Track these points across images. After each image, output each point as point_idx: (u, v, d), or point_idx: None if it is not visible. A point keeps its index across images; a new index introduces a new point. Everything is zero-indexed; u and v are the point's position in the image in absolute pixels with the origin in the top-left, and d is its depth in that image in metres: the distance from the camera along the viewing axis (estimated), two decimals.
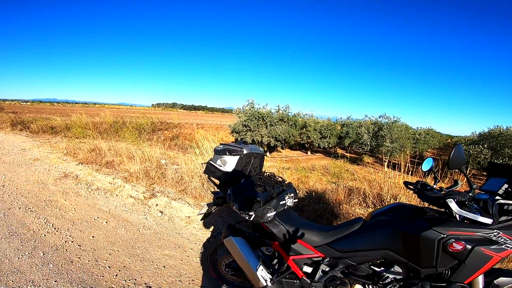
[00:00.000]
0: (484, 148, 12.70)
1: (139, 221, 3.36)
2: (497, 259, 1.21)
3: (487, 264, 1.22)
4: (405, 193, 3.42)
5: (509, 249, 1.21)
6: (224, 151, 1.95)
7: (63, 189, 4.26)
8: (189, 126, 19.32)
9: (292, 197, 1.85)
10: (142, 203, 3.85)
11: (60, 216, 3.34)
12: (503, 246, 1.20)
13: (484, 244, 1.22)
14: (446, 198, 1.33)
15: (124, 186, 4.36)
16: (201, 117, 36.98)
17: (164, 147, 8.22)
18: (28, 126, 11.02)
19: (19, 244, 2.65)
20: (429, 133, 23.97)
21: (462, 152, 1.39)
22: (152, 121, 14.86)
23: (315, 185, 4.92)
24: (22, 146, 7.48)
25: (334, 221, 3.22)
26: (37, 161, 5.89)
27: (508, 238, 1.21)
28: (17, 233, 2.85)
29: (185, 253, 2.74)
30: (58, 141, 8.34)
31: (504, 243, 1.21)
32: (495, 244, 1.21)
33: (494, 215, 1.23)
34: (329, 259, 1.60)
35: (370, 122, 18.29)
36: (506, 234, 1.21)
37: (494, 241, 1.22)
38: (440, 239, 1.26)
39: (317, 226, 1.76)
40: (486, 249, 1.21)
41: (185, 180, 4.35)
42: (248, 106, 15.55)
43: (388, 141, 15.93)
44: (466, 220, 1.31)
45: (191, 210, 3.56)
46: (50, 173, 5.05)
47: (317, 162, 13.45)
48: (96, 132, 9.35)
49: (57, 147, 7.08)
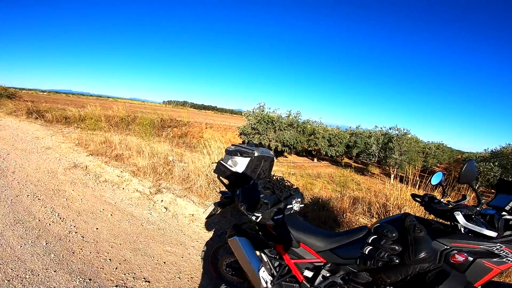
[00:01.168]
0: (494, 166, 12.46)
1: (143, 216, 3.41)
2: (496, 271, 1.22)
3: (486, 276, 1.23)
4: (410, 205, 3.38)
5: (509, 262, 1.22)
6: (235, 152, 1.97)
7: (72, 179, 4.34)
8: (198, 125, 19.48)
9: (299, 202, 1.86)
10: (148, 198, 3.90)
11: (66, 206, 3.40)
12: (504, 259, 1.22)
13: (485, 257, 1.23)
14: (454, 211, 1.35)
15: (131, 180, 4.43)
16: (210, 117, 37.23)
17: (172, 144, 8.31)
18: (43, 115, 11.24)
19: (23, 232, 2.68)
20: (440, 148, 23.59)
21: (475, 167, 1.41)
22: (162, 117, 15.02)
23: (320, 193, 4.91)
24: (36, 134, 7.65)
25: (337, 228, 3.20)
26: (49, 150, 6.02)
27: (510, 252, 1.22)
28: (23, 221, 2.88)
29: (187, 250, 2.76)
30: (71, 131, 8.51)
31: (506, 256, 1.22)
32: (496, 257, 1.23)
33: (499, 229, 1.24)
34: (330, 265, 1.60)
35: (380, 133, 18.11)
36: (508, 247, 1.23)
37: (496, 254, 1.23)
38: (443, 250, 1.28)
39: (322, 231, 1.76)
40: (487, 262, 1.22)
41: (192, 178, 4.39)
42: (258, 109, 15.58)
43: (397, 153, 15.73)
44: (470, 233, 1.32)
45: (196, 208, 3.59)
46: (61, 163, 5.16)
47: (323, 170, 13.37)
48: (108, 125, 9.51)
49: (69, 137, 7.24)
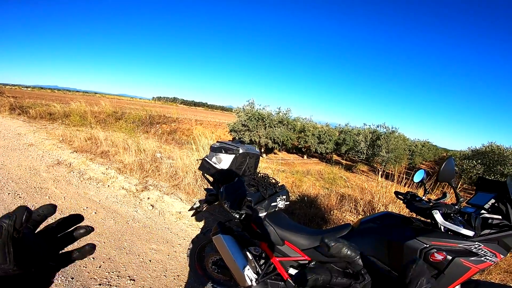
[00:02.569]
0: (477, 164, 12.79)
1: (129, 213, 3.35)
2: (475, 270, 1.24)
3: (465, 275, 1.25)
4: (396, 202, 3.44)
5: (488, 261, 1.23)
6: (220, 149, 1.95)
7: (55, 177, 4.23)
8: (187, 121, 19.25)
9: (284, 200, 1.85)
10: (134, 196, 3.83)
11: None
12: (482, 258, 1.23)
13: (464, 256, 1.25)
14: (432, 210, 1.37)
15: (117, 177, 4.34)
16: (200, 114, 36.89)
17: (161, 140, 8.20)
18: (27, 111, 10.90)
19: None
20: (425, 146, 24.09)
21: (453, 166, 1.41)
22: (150, 113, 14.77)
23: (308, 190, 4.93)
24: (18, 130, 7.41)
25: (323, 226, 3.23)
26: (32, 147, 5.85)
27: (488, 250, 1.24)
28: None
29: (173, 248, 2.73)
30: (55, 127, 8.28)
31: (484, 255, 1.23)
32: (474, 256, 1.24)
33: (476, 228, 1.26)
34: (315, 263, 1.61)
35: (368, 131, 18.34)
36: (486, 246, 1.24)
37: (474, 253, 1.25)
38: (422, 249, 1.29)
39: (306, 229, 1.77)
40: (465, 260, 1.24)
41: (179, 175, 4.34)
42: (248, 106, 15.52)
43: (384, 151, 15.98)
44: (450, 231, 1.34)
45: (183, 206, 3.55)
46: (43, 160, 5.01)
47: (312, 167, 13.47)
48: (95, 121, 9.29)
49: (53, 134, 7.04)
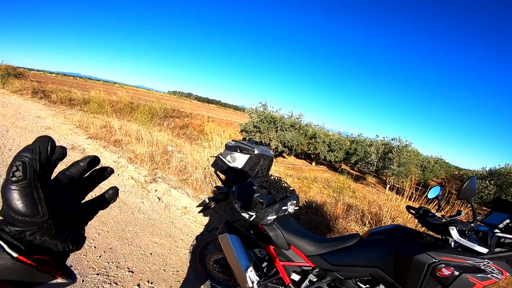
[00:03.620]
0: (490, 184, 12.51)
1: (135, 204, 3.39)
2: (479, 287, 1.23)
3: None
4: (403, 217, 3.38)
5: (493, 278, 1.23)
6: (235, 147, 1.96)
7: (68, 161, 4.29)
8: (200, 117, 19.42)
9: (294, 204, 1.84)
10: (142, 187, 3.89)
11: None
12: (488, 275, 1.23)
13: (471, 272, 1.24)
14: (449, 226, 1.37)
15: (127, 166, 4.42)
16: (213, 111, 37.14)
17: (172, 134, 8.29)
18: (48, 96, 11.23)
19: None
20: (438, 163, 23.54)
21: (475, 185, 1.43)
22: (165, 107, 14.98)
23: (315, 197, 4.89)
24: (38, 113, 7.64)
25: (328, 234, 3.19)
26: (49, 130, 6.02)
27: (496, 268, 1.23)
28: None
29: (175, 243, 2.75)
30: (73, 113, 8.49)
31: (491, 273, 1.23)
32: (482, 272, 1.23)
33: (491, 246, 1.25)
34: (318, 270, 1.60)
35: (381, 143, 18.06)
36: (495, 264, 1.24)
37: (481, 270, 1.24)
38: (431, 263, 1.29)
39: (313, 236, 1.76)
40: (471, 277, 1.23)
41: (188, 170, 4.38)
42: (261, 107, 15.54)
43: (395, 165, 15.71)
44: (460, 248, 1.34)
45: (189, 201, 3.58)
46: (59, 144, 5.12)
47: (320, 174, 13.35)
48: (111, 110, 9.49)
49: (71, 119, 7.22)
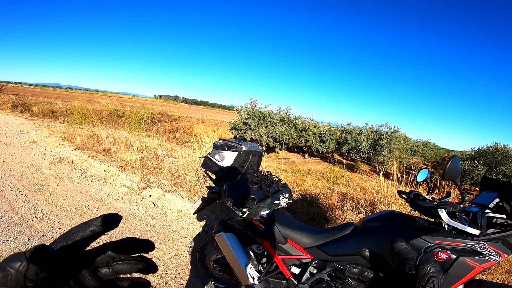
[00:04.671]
0: (479, 164, 12.76)
1: (130, 211, 3.35)
2: (479, 269, 1.23)
3: (468, 274, 1.23)
4: (397, 201, 3.43)
5: (492, 260, 1.22)
6: (223, 146, 1.94)
7: (57, 174, 4.24)
8: (189, 120, 19.28)
9: (286, 198, 1.84)
10: (135, 193, 3.84)
11: (50, 201, 3.32)
12: (486, 258, 1.22)
13: (468, 255, 1.23)
14: (438, 208, 1.35)
15: (118, 174, 4.35)
16: (202, 112, 36.90)
17: (162, 138, 8.20)
18: (29, 109, 10.95)
19: (6, 228, 2.61)
20: (427, 146, 24.04)
21: (458, 164, 1.40)
22: (152, 112, 14.80)
23: (309, 189, 4.92)
24: (21, 128, 7.43)
25: (325, 225, 3.22)
26: (34, 144, 5.86)
27: (493, 249, 1.23)
28: (5, 217, 2.80)
29: (174, 246, 2.73)
30: (57, 125, 8.30)
31: (488, 255, 1.22)
32: (479, 255, 1.23)
33: (482, 227, 1.24)
34: (317, 262, 1.60)
35: (370, 130, 18.30)
36: (491, 246, 1.23)
37: (478, 252, 1.23)
38: (426, 248, 1.28)
39: (309, 228, 1.76)
40: (469, 260, 1.22)
41: (181, 173, 4.34)
42: (250, 104, 15.53)
43: (386, 151, 15.95)
44: (454, 230, 1.33)
45: (184, 204, 3.55)
46: (45, 157, 5.02)
47: (314, 166, 13.46)
48: (96, 118, 9.32)
49: (55, 131, 7.05)
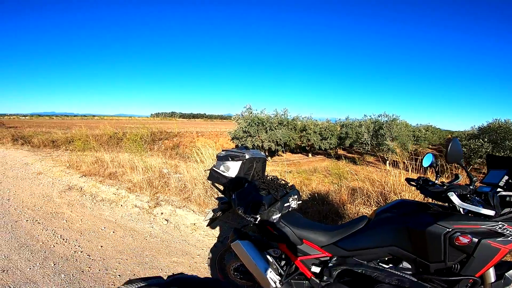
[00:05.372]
0: (484, 142, 12.65)
1: (145, 229, 3.38)
2: (505, 251, 1.19)
3: (496, 256, 1.20)
4: (408, 190, 3.43)
5: None
6: (226, 157, 1.98)
7: (69, 201, 4.28)
8: (189, 134, 19.37)
9: (296, 199, 1.87)
10: (147, 212, 3.87)
11: (67, 227, 3.37)
12: (509, 238, 1.19)
13: (490, 237, 1.19)
14: (448, 192, 1.33)
15: (128, 196, 4.39)
16: (200, 125, 37.05)
17: (165, 156, 8.26)
18: (29, 141, 11.07)
19: (30, 255, 2.69)
20: (429, 130, 23.99)
21: (459, 146, 1.38)
22: (152, 131, 14.90)
23: (317, 187, 4.93)
24: (25, 160, 7.50)
25: (339, 221, 3.23)
26: (41, 175, 5.91)
27: None
28: (27, 245, 2.89)
29: (193, 259, 2.75)
30: (60, 154, 8.38)
31: (511, 235, 1.18)
32: (501, 236, 1.19)
33: (496, 207, 1.21)
34: (336, 259, 1.60)
35: (370, 121, 18.30)
36: (511, 225, 1.19)
37: (500, 234, 1.20)
38: (445, 233, 1.25)
39: (322, 226, 1.77)
40: (493, 242, 1.18)
41: (188, 188, 4.37)
42: (246, 112, 15.61)
43: (388, 139, 15.93)
44: (470, 213, 1.30)
45: (196, 217, 3.58)
46: (54, 186, 5.07)
47: (319, 164, 13.45)
48: (98, 144, 9.40)
49: (60, 161, 7.12)
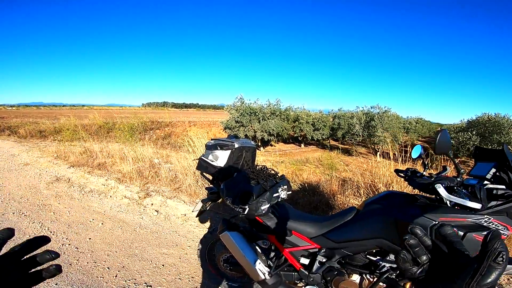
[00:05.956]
0: (472, 135, 12.87)
1: (135, 221, 3.35)
2: None
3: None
4: (398, 181, 3.47)
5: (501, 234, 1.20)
6: (215, 146, 1.94)
7: (56, 193, 4.20)
8: (181, 124, 19.15)
9: (285, 190, 1.85)
10: (137, 203, 3.83)
11: (55, 219, 3.30)
12: None
13: (476, 230, 1.19)
14: (435, 184, 1.32)
15: (117, 187, 4.33)
16: (193, 115, 36.65)
17: (156, 146, 8.15)
18: (16, 131, 10.79)
19: None
20: (419, 122, 24.31)
21: (448, 137, 1.37)
22: (143, 120, 14.67)
23: (309, 177, 4.95)
24: (11, 151, 7.31)
25: (329, 212, 3.25)
26: (27, 166, 5.78)
27: (499, 223, 1.19)
28: (13, 239, 2.80)
29: (183, 250, 2.75)
30: (48, 145, 8.20)
31: (496, 229, 1.18)
32: (486, 230, 1.19)
33: (483, 200, 1.21)
34: (325, 250, 1.61)
35: (362, 113, 18.41)
36: (497, 219, 1.20)
37: (485, 227, 1.19)
38: (432, 226, 1.23)
39: (312, 217, 1.77)
40: (478, 236, 1.18)
41: (179, 178, 4.33)
42: (238, 102, 15.48)
43: (379, 131, 16.09)
44: (456, 206, 1.29)
45: (187, 208, 3.56)
46: (42, 177, 4.96)
47: (311, 155, 13.53)
48: (87, 134, 9.22)
49: (47, 151, 6.95)
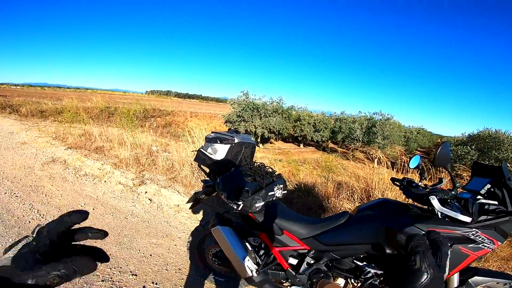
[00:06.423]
0: (471, 150, 12.84)
1: (127, 208, 3.34)
2: (473, 257, 1.23)
3: (463, 262, 1.24)
4: (392, 189, 3.47)
5: (486, 248, 1.22)
6: (215, 139, 1.92)
7: (50, 174, 4.18)
8: (182, 114, 19.09)
9: (281, 189, 1.84)
10: (131, 190, 3.82)
11: (46, 202, 3.29)
12: (480, 245, 1.22)
13: (462, 243, 1.23)
14: (429, 195, 1.34)
15: (113, 172, 4.31)
16: (195, 106, 36.50)
17: (156, 134, 8.13)
18: (17, 110, 10.75)
19: (3, 230, 2.60)
20: (420, 132, 24.27)
21: (449, 150, 1.39)
22: (145, 107, 14.63)
23: (305, 178, 4.94)
24: (10, 129, 7.29)
25: (322, 214, 3.25)
26: (25, 145, 5.76)
27: (486, 237, 1.22)
28: (1, 219, 2.79)
29: (173, 242, 2.74)
30: (47, 125, 8.16)
31: (482, 242, 1.22)
32: (472, 242, 1.22)
33: (474, 214, 1.23)
34: (314, 252, 1.61)
35: (364, 118, 18.36)
36: (484, 233, 1.22)
37: (472, 240, 1.23)
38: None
39: (305, 218, 1.77)
40: (463, 248, 1.22)
41: (176, 168, 4.32)
42: (243, 96, 15.42)
43: (380, 138, 16.06)
44: (447, 218, 1.32)
45: (181, 199, 3.55)
46: (38, 158, 4.95)
47: (309, 156, 13.52)
48: (88, 117, 9.18)
49: (46, 131, 6.93)
